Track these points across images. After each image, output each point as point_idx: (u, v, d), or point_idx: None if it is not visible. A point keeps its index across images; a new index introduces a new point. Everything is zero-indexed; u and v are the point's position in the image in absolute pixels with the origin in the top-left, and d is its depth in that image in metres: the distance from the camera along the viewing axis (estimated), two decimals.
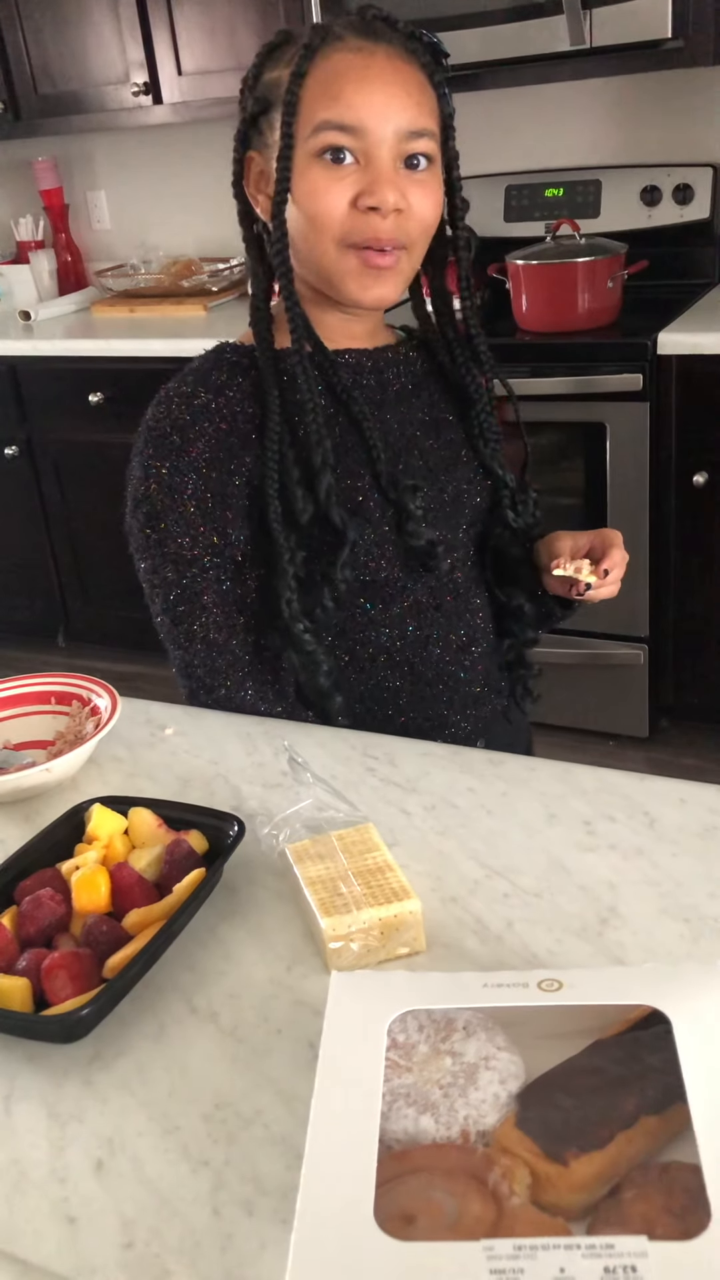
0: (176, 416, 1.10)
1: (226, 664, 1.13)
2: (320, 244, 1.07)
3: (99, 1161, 0.66)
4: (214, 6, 2.76)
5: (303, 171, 1.05)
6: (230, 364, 1.13)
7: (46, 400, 3.13)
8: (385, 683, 1.18)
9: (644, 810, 0.92)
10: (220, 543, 1.11)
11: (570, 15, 2.29)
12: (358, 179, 1.05)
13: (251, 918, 0.84)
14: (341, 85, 1.03)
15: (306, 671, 1.13)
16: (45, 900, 0.82)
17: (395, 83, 1.04)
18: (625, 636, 2.59)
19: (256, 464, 1.10)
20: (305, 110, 1.04)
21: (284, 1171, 0.64)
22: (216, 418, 1.10)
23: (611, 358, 2.38)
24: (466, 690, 1.22)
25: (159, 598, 1.13)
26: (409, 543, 1.13)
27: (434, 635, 1.18)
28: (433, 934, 0.80)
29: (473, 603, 1.22)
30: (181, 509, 1.10)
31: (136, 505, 1.12)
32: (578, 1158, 0.59)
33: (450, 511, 1.19)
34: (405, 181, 1.06)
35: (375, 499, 1.12)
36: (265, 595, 1.13)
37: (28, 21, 3.00)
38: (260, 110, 1.09)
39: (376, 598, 1.15)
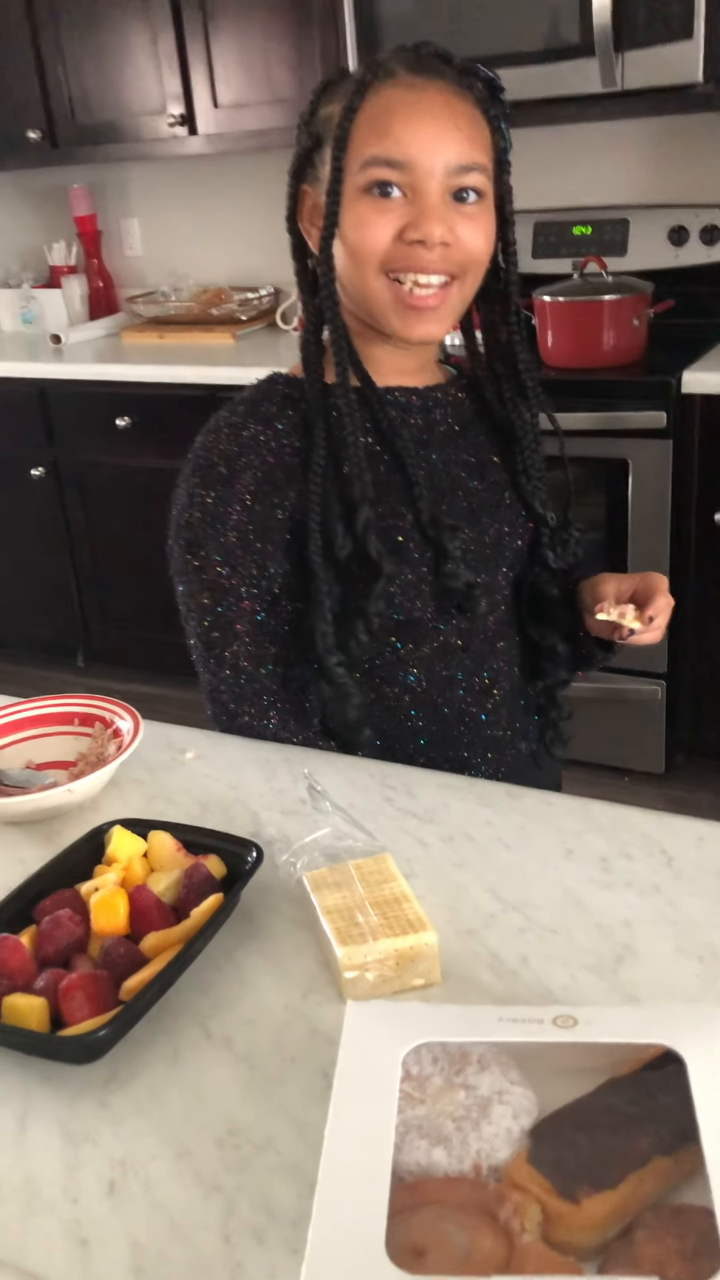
0: (225, 447, 1.11)
1: (253, 692, 1.14)
2: (363, 274, 1.08)
3: (111, 1183, 0.67)
4: (250, 41, 2.81)
5: (350, 205, 1.06)
6: (281, 395, 1.14)
7: (74, 423, 3.17)
8: (408, 722, 1.18)
9: (661, 848, 0.92)
10: (258, 574, 1.12)
11: (603, 58, 2.32)
12: (404, 212, 1.05)
13: (268, 944, 0.85)
14: (390, 121, 1.04)
15: (337, 703, 1.13)
16: (64, 921, 0.83)
17: (444, 117, 1.05)
18: (643, 672, 2.59)
19: (300, 498, 1.11)
20: (355, 145, 1.05)
21: (296, 1200, 0.64)
22: (264, 450, 1.11)
23: (636, 395, 2.39)
24: (488, 734, 1.22)
25: (193, 621, 1.14)
26: (446, 584, 1.13)
27: (459, 677, 1.19)
28: (448, 966, 0.81)
29: (498, 646, 1.22)
30: (223, 538, 1.10)
31: (179, 531, 1.13)
32: (590, 1196, 0.59)
33: (490, 554, 1.19)
34: (453, 215, 1.06)
35: (415, 539, 1.13)
36: (299, 627, 1.14)
37: (68, 52, 3.06)
38: (314, 145, 1.10)
39: (408, 637, 1.15)
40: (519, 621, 1.26)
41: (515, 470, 1.22)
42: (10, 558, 3.47)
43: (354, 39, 2.56)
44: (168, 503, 1.16)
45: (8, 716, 1.14)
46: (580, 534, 1.26)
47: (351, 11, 2.54)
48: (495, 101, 1.10)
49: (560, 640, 1.26)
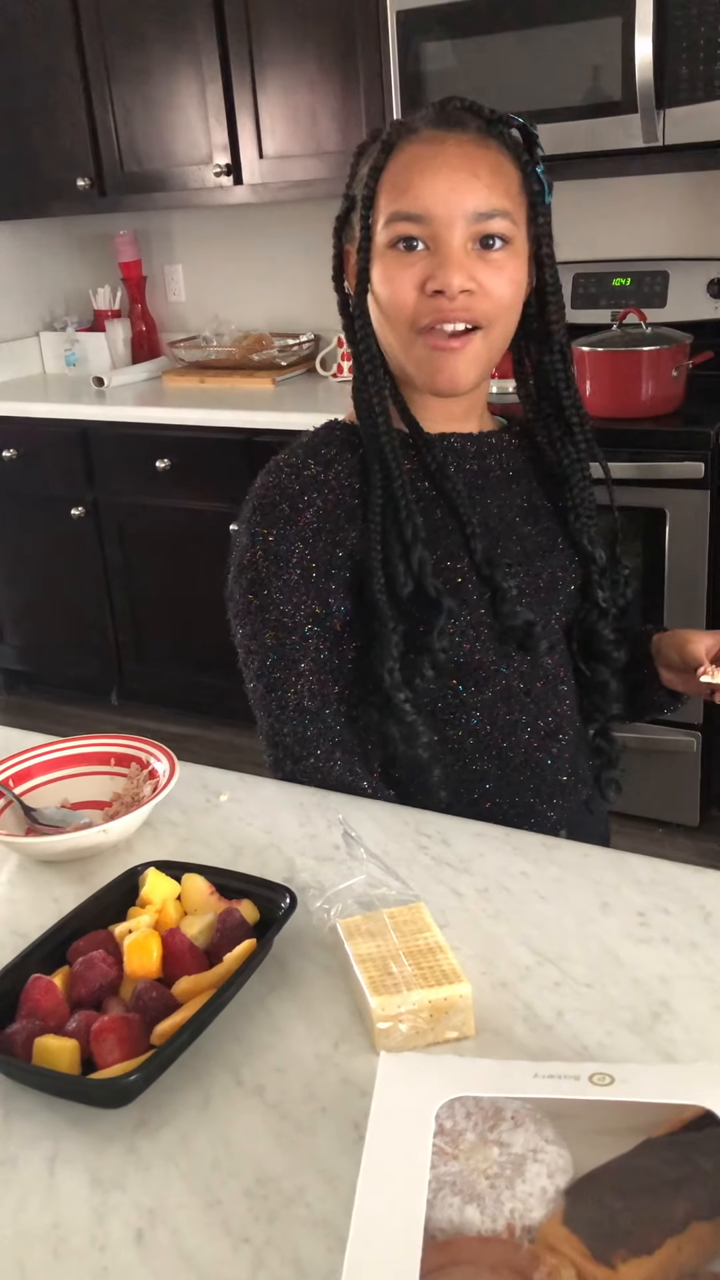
0: (286, 486, 1.12)
1: (317, 733, 1.13)
2: (396, 330, 1.11)
3: (139, 1232, 0.66)
4: (297, 94, 2.86)
5: (378, 261, 1.09)
6: (339, 440, 1.16)
7: (114, 464, 3.21)
8: (473, 766, 1.18)
9: (699, 904, 0.91)
10: (321, 612, 1.12)
11: (644, 114, 2.35)
12: (427, 264, 1.07)
13: (300, 992, 0.84)
14: (409, 177, 1.06)
15: (406, 742, 1.13)
16: (97, 962, 0.83)
17: (462, 168, 1.06)
18: (678, 723, 2.56)
19: (360, 538, 1.12)
20: (380, 204, 1.08)
21: (325, 1255, 0.63)
22: (325, 489, 1.12)
23: (674, 445, 2.39)
24: (554, 779, 1.21)
25: (254, 663, 1.14)
26: (505, 623, 1.14)
27: (523, 720, 1.18)
28: (482, 1019, 0.80)
29: (560, 689, 1.22)
30: (286, 576, 1.11)
31: (241, 571, 1.14)
32: (626, 1261, 0.58)
33: (545, 598, 1.19)
34: (477, 263, 1.07)
35: (473, 581, 1.14)
36: (362, 668, 1.14)
37: (118, 102, 3.13)
38: (350, 207, 1.14)
39: (470, 680, 1.15)
40: (574, 664, 1.27)
41: (565, 510, 1.23)
42: (48, 596, 3.50)
43: (398, 94, 2.61)
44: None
45: (44, 755, 1.15)
46: (628, 574, 1.27)
47: (396, 67, 2.59)
48: (527, 148, 1.12)
49: (613, 678, 1.27)
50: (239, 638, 1.15)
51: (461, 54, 2.54)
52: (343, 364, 3.21)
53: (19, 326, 3.75)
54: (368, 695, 1.14)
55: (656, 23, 2.28)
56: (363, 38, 2.71)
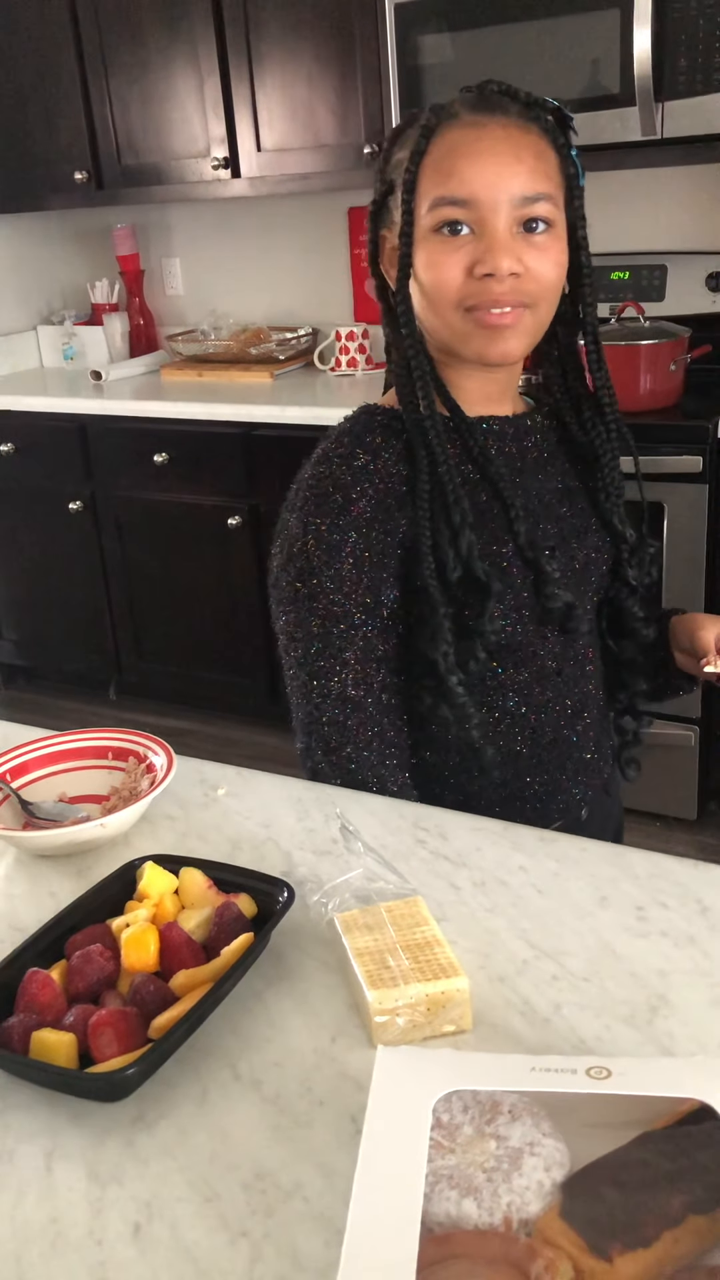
0: (338, 476, 1.12)
1: (358, 722, 1.13)
2: (441, 312, 1.11)
3: (137, 1226, 0.66)
4: (295, 87, 2.86)
5: (422, 246, 1.09)
6: (381, 426, 1.16)
7: (112, 458, 3.20)
8: (507, 748, 1.19)
9: (696, 898, 0.91)
10: (372, 602, 1.13)
11: (643, 107, 2.34)
12: (473, 248, 1.07)
13: (298, 986, 0.84)
14: (453, 161, 1.07)
15: (459, 725, 1.14)
16: (95, 956, 0.83)
17: (506, 151, 1.07)
18: (676, 717, 2.57)
19: (410, 524, 1.13)
20: (422, 189, 1.08)
21: (323, 1248, 0.63)
22: (376, 478, 1.12)
23: (672, 439, 2.39)
24: (579, 756, 1.24)
25: (298, 650, 1.14)
26: (547, 605, 1.15)
27: (553, 699, 1.20)
28: (479, 1013, 0.80)
29: (587, 669, 1.24)
30: (338, 566, 1.11)
31: (290, 559, 1.14)
32: (622, 1255, 0.58)
33: (580, 579, 1.21)
34: (522, 246, 1.07)
35: (516, 564, 1.15)
36: (411, 653, 1.15)
37: (115, 95, 3.12)
38: (388, 191, 1.13)
39: (508, 661, 1.17)
40: (601, 642, 1.29)
41: (596, 490, 1.24)
42: (46, 590, 3.50)
43: (396, 87, 2.61)
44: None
45: (42, 750, 1.15)
46: (654, 552, 1.28)
47: (394, 60, 2.59)
48: (563, 131, 1.12)
49: (640, 654, 1.28)
50: (282, 624, 1.15)
51: (459, 47, 2.53)
52: (340, 358, 3.20)
53: (16, 320, 3.74)
54: (418, 680, 1.14)
55: (655, 15, 2.27)
56: (360, 31, 2.70)
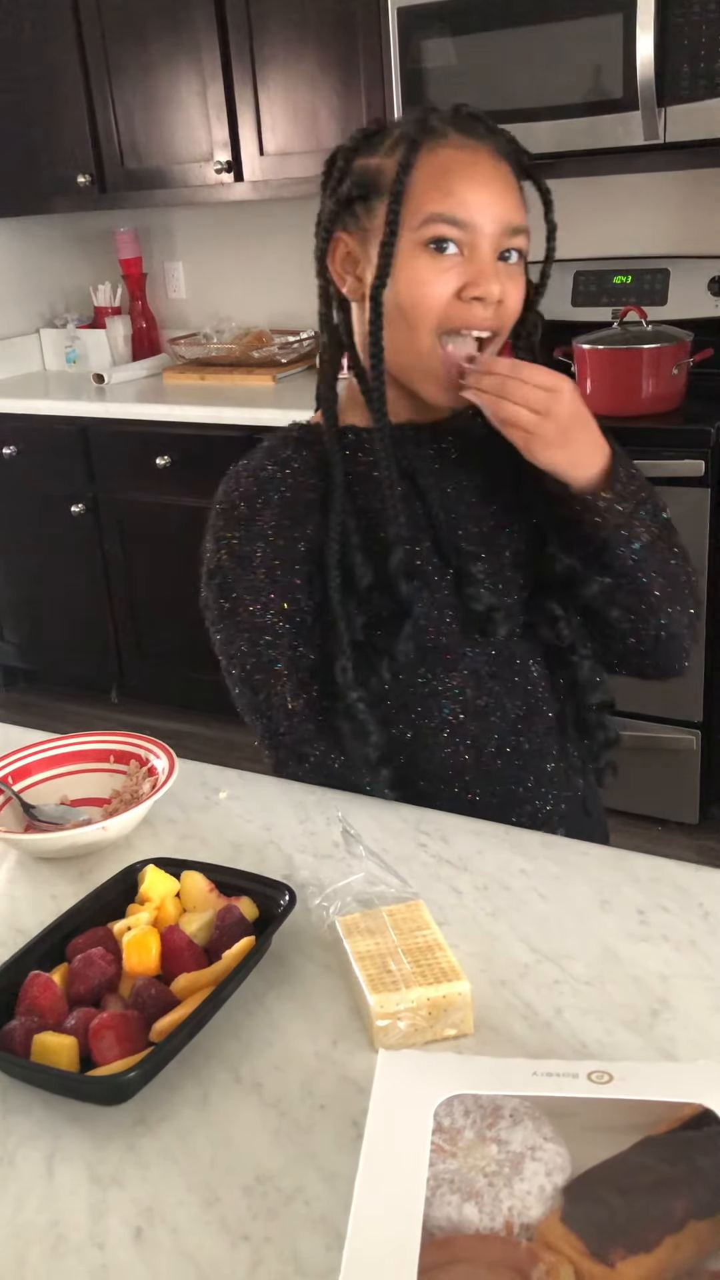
0: (245, 488, 1.14)
1: (312, 732, 1.14)
2: (418, 331, 1.08)
3: (138, 1229, 0.66)
4: (297, 92, 2.86)
5: (407, 260, 1.08)
6: (296, 440, 1.17)
7: (114, 461, 3.20)
8: (450, 759, 1.16)
9: (698, 902, 0.91)
10: (290, 608, 1.13)
11: (645, 112, 2.34)
12: (461, 271, 1.07)
13: (299, 989, 0.84)
14: (451, 181, 1.06)
15: (355, 741, 1.12)
16: (96, 959, 0.83)
17: (498, 180, 1.08)
18: (678, 721, 2.56)
19: (319, 532, 1.13)
20: (413, 201, 1.06)
21: (324, 1252, 0.63)
22: (282, 487, 1.14)
23: (674, 443, 2.39)
24: (538, 766, 1.19)
25: (235, 668, 1.15)
26: (469, 606, 1.14)
27: (492, 705, 1.17)
28: (481, 1017, 0.80)
29: (530, 673, 1.19)
30: (251, 577, 1.12)
31: (210, 577, 1.15)
32: (624, 1260, 0.58)
33: (509, 577, 1.18)
34: (503, 273, 1.09)
35: (435, 563, 1.14)
36: (325, 661, 1.14)
37: (119, 99, 3.13)
38: (359, 195, 1.11)
39: (436, 666, 1.15)
40: (544, 650, 1.22)
41: (521, 480, 1.18)
42: (48, 593, 3.50)
43: (399, 91, 2.61)
44: (204, 541, 1.18)
45: (43, 752, 1.15)
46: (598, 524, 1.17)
47: (396, 64, 2.59)
48: (530, 171, 1.14)
49: (580, 644, 1.21)
50: (217, 644, 1.17)
51: (462, 51, 2.54)
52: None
53: (19, 323, 3.75)
54: (325, 688, 1.14)
55: (658, 20, 2.27)
56: (363, 34, 2.70)
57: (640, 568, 1.13)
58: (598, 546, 1.12)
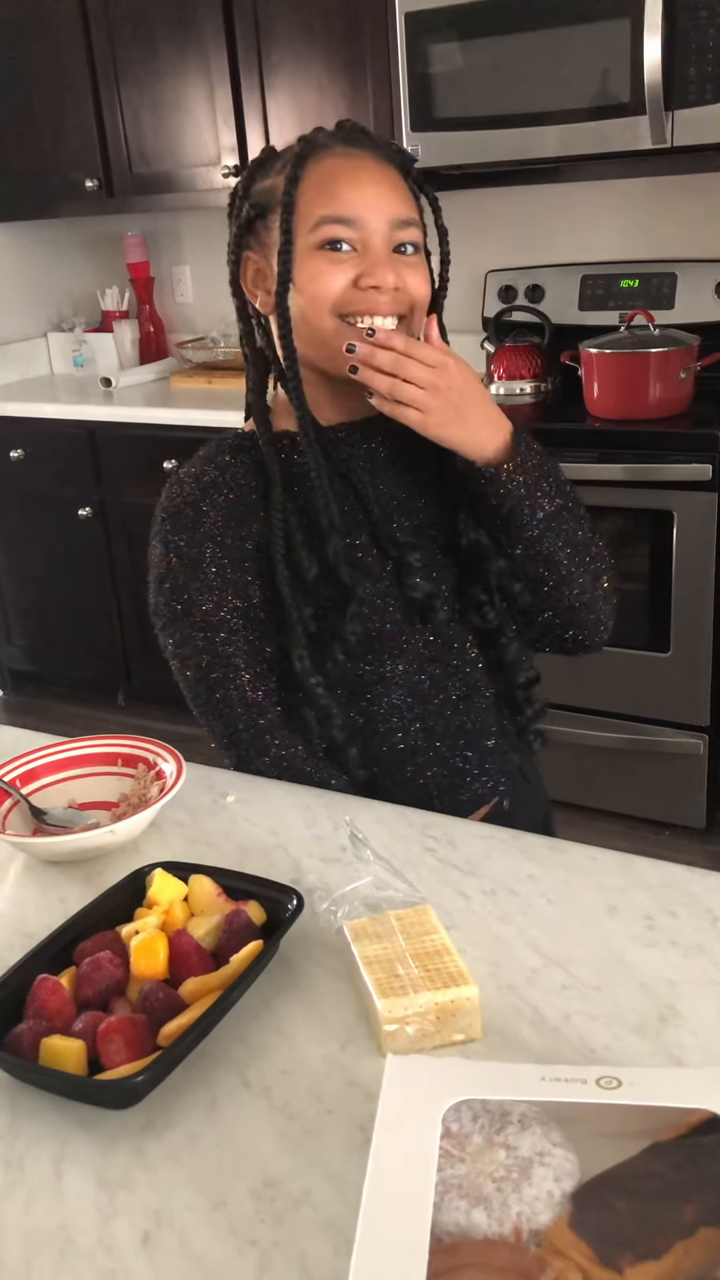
0: (189, 493, 1.19)
1: (269, 723, 1.17)
2: (320, 320, 1.14)
3: (146, 1234, 0.66)
4: (305, 96, 2.87)
5: (304, 263, 1.14)
6: (232, 446, 1.22)
7: (122, 465, 3.21)
8: (400, 743, 1.21)
9: (707, 907, 0.91)
10: (243, 605, 1.17)
11: (653, 116, 2.34)
12: (356, 264, 1.13)
13: (307, 994, 0.84)
14: (335, 184, 1.13)
15: (321, 725, 1.17)
16: (104, 963, 0.83)
17: (382, 180, 1.15)
18: (686, 725, 2.56)
19: (263, 529, 1.17)
20: (303, 210, 1.13)
21: (331, 1256, 0.63)
22: (225, 489, 1.18)
23: (681, 447, 2.39)
24: (481, 743, 1.25)
25: (192, 669, 1.18)
26: (408, 595, 1.19)
27: (436, 687, 1.22)
28: (489, 1022, 0.80)
29: (467, 655, 1.25)
30: (203, 577, 1.16)
31: (160, 581, 1.19)
32: (633, 1266, 0.58)
33: (443, 564, 1.23)
34: (399, 264, 1.15)
35: (374, 555, 1.19)
36: (281, 654, 1.18)
37: (127, 104, 3.13)
38: (256, 215, 1.18)
39: (382, 652, 1.19)
40: (476, 633, 1.26)
41: (448, 477, 1.21)
42: (55, 596, 3.51)
43: (407, 95, 2.61)
44: (150, 548, 1.21)
45: (51, 756, 1.15)
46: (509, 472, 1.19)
47: (404, 68, 2.60)
48: (412, 169, 1.20)
49: (502, 622, 1.24)
50: (170, 649, 1.20)
51: (470, 55, 2.54)
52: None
53: (27, 327, 3.76)
54: (284, 679, 1.17)
55: (665, 24, 2.27)
56: (371, 39, 2.71)
57: (546, 537, 1.18)
58: (504, 519, 1.18)
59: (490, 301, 3.02)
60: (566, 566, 1.20)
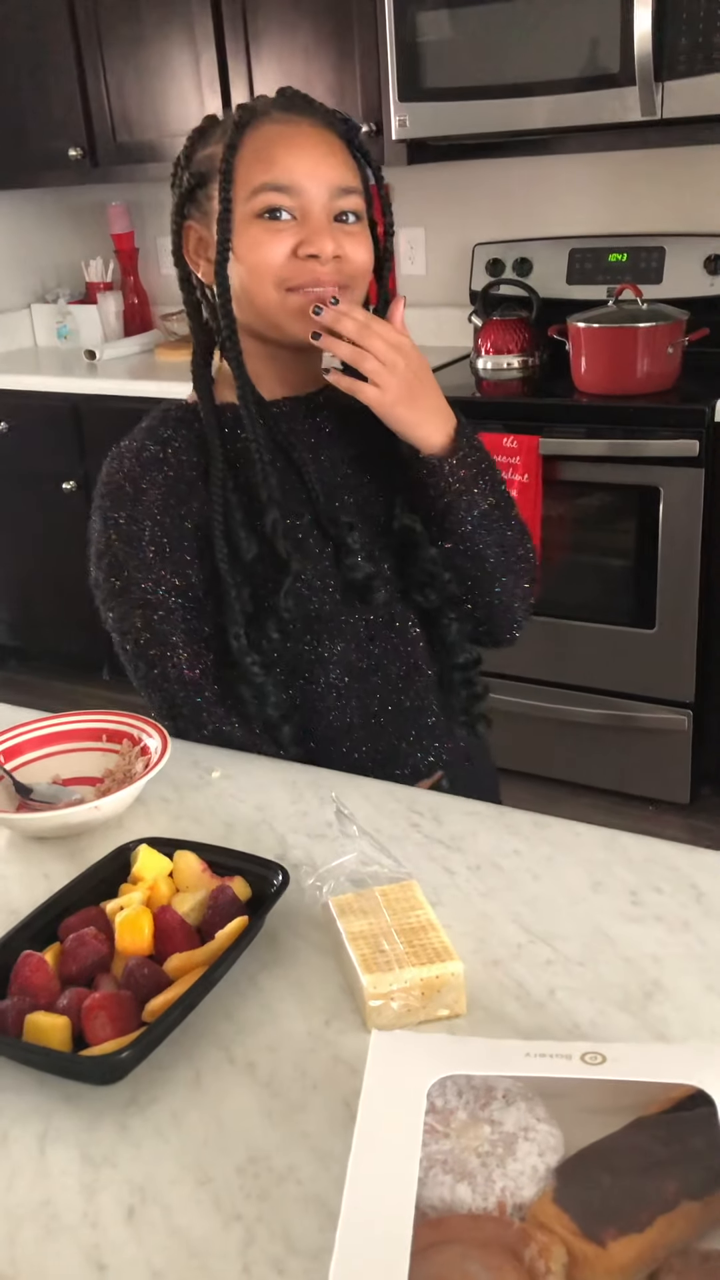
0: (129, 469, 1.17)
1: (207, 700, 1.17)
2: (262, 290, 1.14)
3: (131, 1209, 0.66)
4: (292, 65, 2.83)
5: (243, 231, 1.13)
6: (175, 419, 1.20)
7: (106, 438, 3.14)
8: (335, 720, 1.21)
9: (691, 883, 0.91)
10: (181, 584, 1.16)
11: (642, 87, 2.32)
12: (295, 232, 1.12)
13: (292, 969, 0.84)
14: (273, 151, 1.12)
15: (257, 703, 1.17)
16: (89, 939, 0.83)
17: (321, 146, 1.14)
18: (670, 701, 2.57)
19: (203, 508, 1.16)
20: (241, 177, 1.12)
21: (316, 1232, 0.63)
22: (165, 466, 1.17)
23: (669, 423, 2.38)
24: (420, 722, 1.25)
25: (130, 644, 1.18)
26: (347, 576, 1.19)
27: (375, 667, 1.22)
28: (474, 997, 0.80)
29: (409, 634, 1.25)
30: (142, 555, 1.16)
31: (99, 557, 1.19)
32: (616, 1239, 0.58)
33: (384, 543, 1.23)
34: (339, 233, 1.13)
35: (315, 535, 1.19)
36: (218, 632, 1.17)
37: (110, 72, 3.09)
38: (197, 184, 1.17)
39: (321, 633, 1.19)
40: (417, 611, 1.26)
41: (388, 454, 1.22)
42: (39, 571, 3.49)
43: (394, 64, 2.58)
44: (91, 522, 1.21)
45: (36, 731, 1.15)
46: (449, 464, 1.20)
47: (392, 37, 2.56)
48: (355, 137, 1.18)
49: (447, 604, 1.25)
50: (110, 621, 1.20)
51: (458, 25, 2.51)
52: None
53: (10, 298, 3.71)
54: (221, 657, 1.17)
55: None
56: (359, 7, 2.67)
57: (477, 534, 1.20)
58: (440, 510, 1.19)
59: (478, 275, 3.00)
60: (493, 564, 1.22)
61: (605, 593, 2.61)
